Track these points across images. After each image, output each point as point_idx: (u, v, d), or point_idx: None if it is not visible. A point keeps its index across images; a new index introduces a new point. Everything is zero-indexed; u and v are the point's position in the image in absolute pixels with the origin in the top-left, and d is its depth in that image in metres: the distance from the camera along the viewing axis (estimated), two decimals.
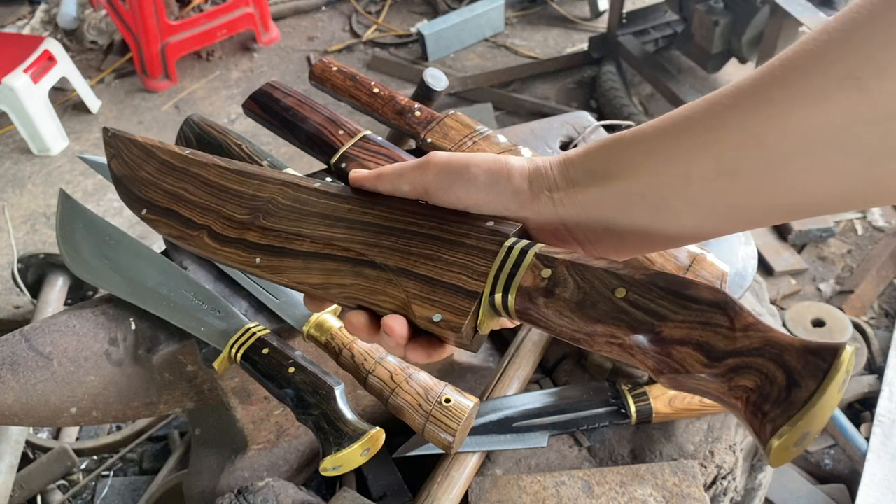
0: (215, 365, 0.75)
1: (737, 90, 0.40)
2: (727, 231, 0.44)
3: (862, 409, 1.86)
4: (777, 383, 0.34)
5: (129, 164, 0.62)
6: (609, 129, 1.08)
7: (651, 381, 0.95)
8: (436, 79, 1.30)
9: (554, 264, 0.42)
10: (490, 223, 0.47)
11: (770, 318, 1.13)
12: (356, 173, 0.53)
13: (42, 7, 3.53)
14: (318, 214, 0.52)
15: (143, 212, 0.59)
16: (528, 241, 0.45)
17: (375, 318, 0.48)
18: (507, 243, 0.45)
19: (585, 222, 0.46)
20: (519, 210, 0.47)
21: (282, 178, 0.55)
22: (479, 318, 0.45)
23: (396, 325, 0.46)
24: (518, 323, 0.46)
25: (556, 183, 0.46)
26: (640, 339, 0.38)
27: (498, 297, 0.44)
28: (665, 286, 0.39)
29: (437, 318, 0.45)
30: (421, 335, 0.46)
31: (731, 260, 0.84)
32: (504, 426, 0.90)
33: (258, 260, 0.52)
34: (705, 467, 0.93)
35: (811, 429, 0.34)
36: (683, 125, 0.42)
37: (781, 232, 2.34)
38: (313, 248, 0.51)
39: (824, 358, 0.34)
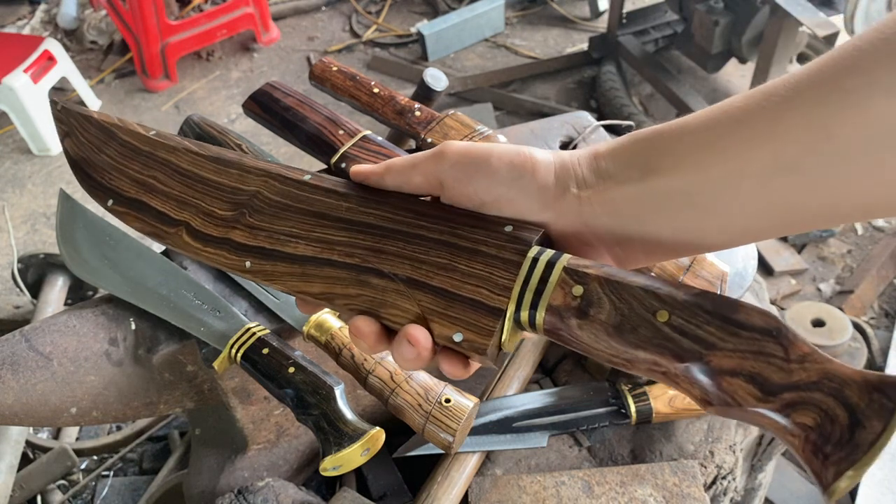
0: (215, 365, 0.75)
1: (797, 80, 0.36)
2: (778, 233, 0.41)
3: None
4: (839, 422, 0.32)
5: (86, 146, 0.54)
6: (609, 129, 1.08)
7: (651, 381, 0.95)
8: (436, 79, 1.30)
9: (586, 280, 0.38)
10: (508, 228, 0.42)
11: None
12: (359, 168, 0.47)
13: (42, 7, 3.53)
14: (313, 213, 0.46)
15: (109, 203, 0.52)
16: (553, 252, 0.41)
17: (385, 326, 0.43)
18: (531, 254, 0.41)
19: (615, 224, 0.42)
20: (541, 210, 0.43)
21: (264, 167, 0.49)
22: (504, 336, 0.41)
23: (421, 335, 0.41)
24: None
25: (585, 179, 0.42)
26: (687, 368, 0.35)
27: (524, 314, 0.40)
28: (712, 309, 0.36)
29: (458, 337, 0.40)
30: (446, 349, 0.42)
31: (731, 260, 0.84)
32: (504, 426, 0.90)
33: (248, 264, 0.46)
34: (705, 467, 0.93)
35: (873, 464, 0.32)
36: (737, 117, 0.38)
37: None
38: (310, 252, 0.45)
39: (889, 395, 0.31)
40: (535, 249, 0.41)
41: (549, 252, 0.41)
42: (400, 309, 0.42)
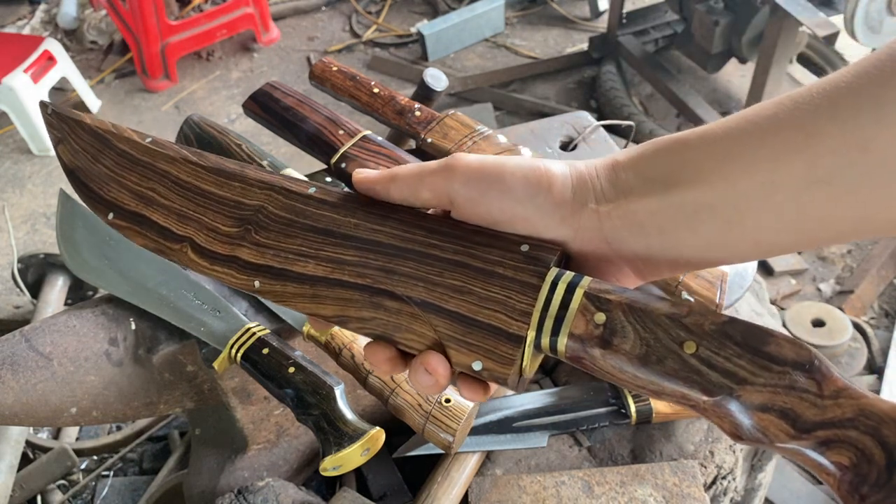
0: (215, 365, 0.75)
1: (829, 89, 0.35)
2: (807, 247, 0.40)
3: None
4: (876, 462, 0.31)
5: (81, 154, 0.51)
6: (609, 129, 1.08)
7: None
8: (436, 79, 1.30)
9: (608, 307, 0.37)
10: (525, 247, 0.40)
11: (770, 318, 1.13)
12: (362, 174, 0.44)
13: (42, 7, 3.53)
14: (321, 231, 0.44)
15: (110, 216, 0.49)
16: (573, 274, 0.39)
17: (400, 351, 0.42)
18: (550, 276, 0.39)
19: (636, 238, 0.40)
20: (558, 227, 0.40)
21: (268, 180, 0.46)
22: (525, 362, 0.39)
23: (439, 365, 0.39)
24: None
25: (604, 193, 0.40)
26: (717, 402, 0.34)
27: (545, 340, 0.38)
28: (741, 340, 0.34)
29: (477, 366, 0.39)
30: (464, 374, 0.41)
31: None
32: (504, 426, 0.90)
33: (257, 283, 0.44)
34: (705, 467, 0.93)
35: None
36: (767, 127, 0.36)
37: None
38: (320, 272, 0.43)
39: None
40: (553, 271, 0.39)
41: (569, 274, 0.39)
42: (415, 334, 0.41)
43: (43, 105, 0.52)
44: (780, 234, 0.37)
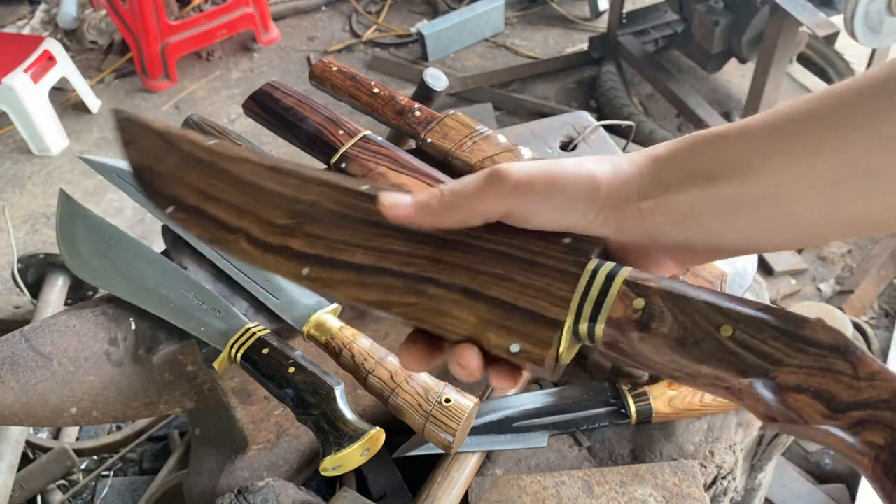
0: (215, 365, 0.75)
1: (868, 83, 0.36)
2: (845, 237, 0.42)
3: None
4: None
5: (147, 154, 0.55)
6: (609, 129, 1.08)
7: (651, 381, 0.95)
8: (436, 79, 1.30)
9: (647, 294, 0.38)
10: (567, 240, 0.42)
11: None
12: (393, 208, 0.44)
13: (42, 7, 3.53)
14: (370, 223, 0.46)
15: (169, 209, 0.52)
16: (613, 264, 0.40)
17: (431, 344, 0.44)
18: (590, 266, 0.40)
19: (677, 232, 0.41)
20: (602, 226, 0.42)
21: (323, 178, 0.50)
22: (561, 348, 0.40)
23: (473, 359, 0.41)
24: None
25: (646, 190, 0.41)
26: (751, 384, 0.35)
27: (583, 326, 0.39)
28: (777, 325, 0.35)
29: (515, 348, 0.40)
30: (498, 362, 0.41)
31: (731, 260, 0.84)
32: (504, 426, 0.90)
33: (306, 271, 0.47)
34: (705, 467, 0.93)
35: None
36: (805, 122, 0.37)
37: None
38: (367, 261, 0.45)
39: None
40: (594, 262, 0.41)
41: (609, 264, 0.40)
42: (456, 318, 0.42)
43: (116, 112, 0.56)
44: (817, 225, 0.39)
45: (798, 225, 0.39)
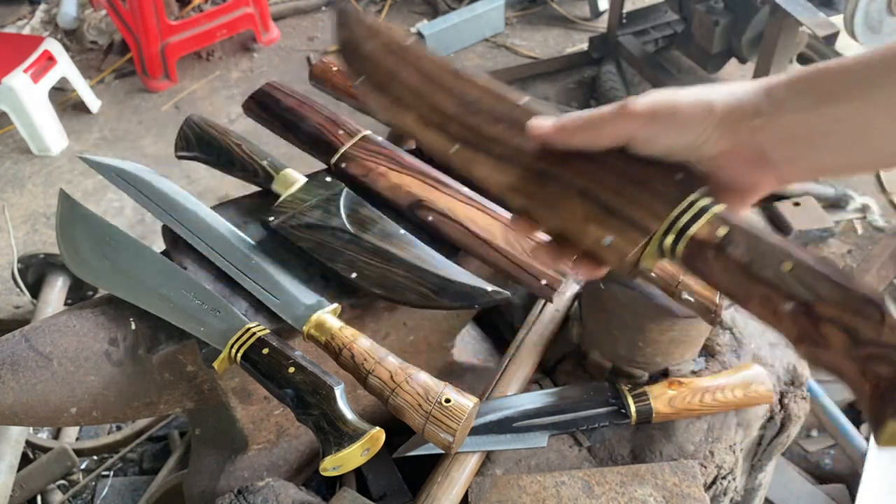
0: (215, 365, 0.75)
1: None
2: None
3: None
4: None
5: (354, 36, 0.66)
6: None
7: (651, 382, 0.95)
8: None
9: (731, 225, 0.47)
10: (679, 175, 0.51)
11: None
12: (537, 128, 0.55)
13: (42, 7, 3.53)
14: (519, 126, 0.57)
15: (359, 80, 0.63)
16: (711, 199, 0.49)
17: (532, 227, 0.55)
18: (692, 197, 0.49)
19: (784, 147, 0.49)
20: (717, 142, 0.50)
21: (490, 86, 0.61)
22: (644, 253, 0.50)
23: (560, 256, 0.54)
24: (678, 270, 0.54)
25: (759, 108, 0.49)
26: (795, 308, 0.43)
27: (669, 239, 0.49)
28: (829, 273, 0.43)
29: (607, 241, 0.50)
30: (583, 257, 0.53)
31: None
32: (504, 426, 0.90)
33: (454, 148, 0.59)
34: (705, 467, 0.93)
35: None
36: (892, 59, 0.46)
37: (781, 232, 2.34)
38: (507, 153, 0.57)
39: None
40: (696, 194, 0.49)
41: (708, 199, 0.49)
42: (566, 210, 0.52)
43: (337, 2, 0.74)
44: None
45: (886, 143, 0.47)
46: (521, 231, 0.56)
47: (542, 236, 0.55)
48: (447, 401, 0.70)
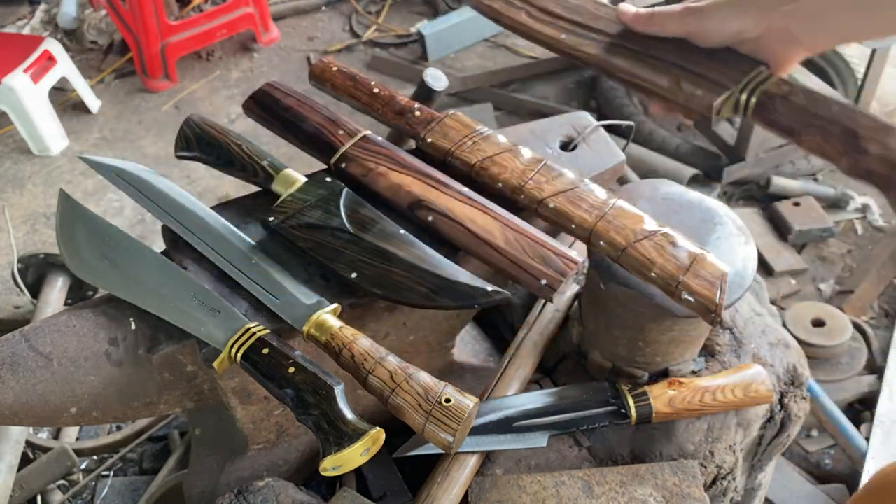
0: (215, 365, 0.75)
1: None
2: None
3: (862, 409, 1.86)
4: None
5: None
6: (609, 129, 1.08)
7: (651, 382, 0.95)
8: (436, 79, 1.30)
9: (792, 84, 0.69)
10: (737, 56, 0.74)
11: (770, 318, 1.13)
12: (624, 14, 0.79)
13: (42, 7, 3.53)
14: (614, 22, 0.80)
15: None
16: (769, 71, 0.72)
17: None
18: (760, 68, 0.73)
19: (811, 25, 0.69)
20: (755, 27, 0.71)
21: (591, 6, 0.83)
22: (723, 102, 0.72)
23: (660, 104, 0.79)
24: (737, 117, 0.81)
25: None
26: (842, 130, 0.65)
27: (743, 97, 0.71)
28: (863, 110, 0.65)
29: (699, 92, 0.72)
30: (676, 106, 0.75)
31: (731, 260, 0.84)
32: (504, 426, 0.90)
33: (563, 36, 0.81)
34: (705, 467, 0.93)
35: None
36: None
37: (781, 232, 2.34)
38: (609, 40, 0.79)
39: None
40: (764, 68, 0.73)
41: (767, 70, 0.73)
42: (662, 76, 0.75)
43: None
44: None
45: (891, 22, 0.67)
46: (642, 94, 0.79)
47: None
48: (447, 401, 0.70)
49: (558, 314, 1.06)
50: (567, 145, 1.02)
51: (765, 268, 2.25)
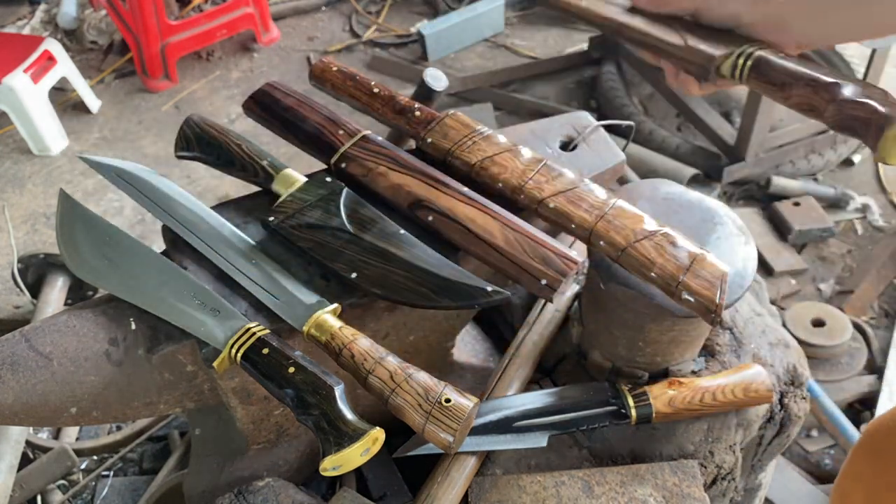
0: (215, 365, 0.75)
1: None
2: None
3: (862, 409, 1.86)
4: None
5: None
6: (609, 129, 1.08)
7: (651, 382, 0.95)
8: (436, 79, 1.30)
9: (781, 52, 0.78)
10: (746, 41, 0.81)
11: (770, 318, 1.13)
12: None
13: (42, 7, 3.53)
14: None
15: None
16: (762, 45, 0.79)
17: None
18: (760, 44, 0.79)
19: (802, 20, 0.75)
20: (752, 13, 0.77)
21: None
22: (722, 59, 0.79)
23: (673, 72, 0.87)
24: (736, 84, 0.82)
25: None
26: (829, 84, 0.72)
27: (741, 61, 0.78)
28: (844, 73, 0.78)
29: (702, 46, 0.81)
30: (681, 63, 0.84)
31: (731, 260, 0.84)
32: (504, 426, 0.90)
33: (584, 3, 0.94)
34: (705, 467, 0.93)
35: None
36: None
37: (781, 232, 2.34)
38: (626, 6, 0.91)
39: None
40: (755, 43, 0.80)
41: (761, 46, 0.80)
42: (677, 39, 0.83)
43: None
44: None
45: (883, 17, 0.70)
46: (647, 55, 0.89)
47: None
48: (447, 401, 0.70)
49: (558, 314, 1.06)
50: (567, 145, 1.02)
51: (765, 268, 2.25)
